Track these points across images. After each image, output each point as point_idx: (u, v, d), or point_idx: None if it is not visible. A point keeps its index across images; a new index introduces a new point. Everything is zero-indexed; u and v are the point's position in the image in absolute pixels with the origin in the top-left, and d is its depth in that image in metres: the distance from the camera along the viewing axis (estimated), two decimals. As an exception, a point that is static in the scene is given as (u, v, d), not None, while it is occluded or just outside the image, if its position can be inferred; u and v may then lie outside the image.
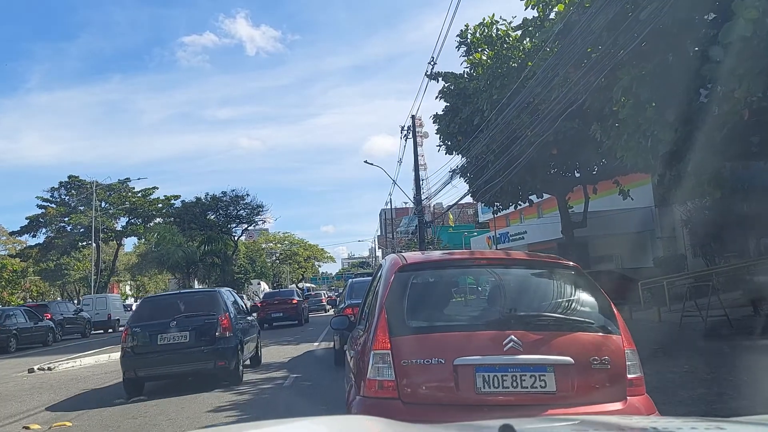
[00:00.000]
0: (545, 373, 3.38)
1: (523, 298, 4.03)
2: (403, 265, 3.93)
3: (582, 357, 3.42)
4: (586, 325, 3.65)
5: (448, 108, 19.84)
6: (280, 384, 9.56)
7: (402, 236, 70.03)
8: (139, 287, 63.82)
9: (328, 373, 10.04)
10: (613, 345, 3.55)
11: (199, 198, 24.16)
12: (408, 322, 3.61)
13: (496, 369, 3.37)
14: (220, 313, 9.92)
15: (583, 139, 16.16)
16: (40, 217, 49.10)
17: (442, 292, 4.19)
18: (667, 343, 10.50)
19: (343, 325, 5.86)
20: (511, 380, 3.36)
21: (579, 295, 3.87)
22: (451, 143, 20.49)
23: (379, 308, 3.67)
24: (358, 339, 4.34)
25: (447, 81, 20.12)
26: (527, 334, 3.46)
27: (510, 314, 3.69)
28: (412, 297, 3.77)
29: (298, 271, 79.48)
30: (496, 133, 16.93)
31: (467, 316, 4.42)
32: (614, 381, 3.45)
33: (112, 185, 47.78)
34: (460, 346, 3.45)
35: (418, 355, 3.44)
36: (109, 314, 27.30)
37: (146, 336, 9.61)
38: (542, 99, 15.40)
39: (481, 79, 17.33)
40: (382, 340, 3.50)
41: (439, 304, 3.99)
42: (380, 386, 3.45)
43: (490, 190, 19.50)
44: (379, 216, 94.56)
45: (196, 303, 10.44)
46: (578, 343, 3.51)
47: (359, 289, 11.48)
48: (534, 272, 4.19)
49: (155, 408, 8.08)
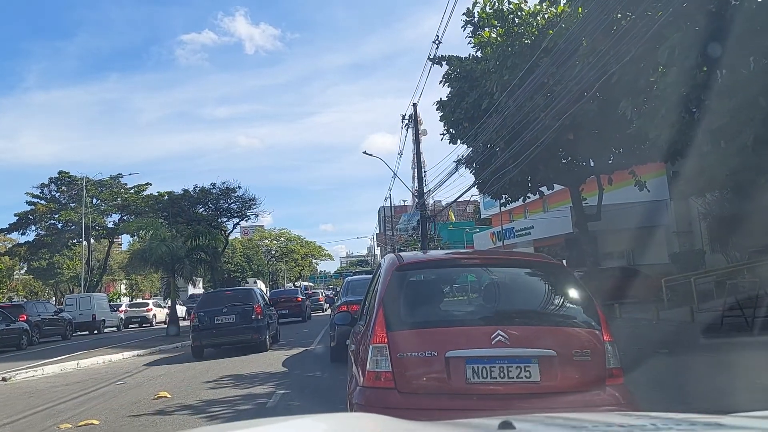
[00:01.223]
0: (530, 364, 3.60)
1: (511, 295, 4.34)
2: (400, 265, 4.18)
3: (564, 349, 3.65)
4: (569, 319, 3.92)
5: (454, 93, 18.46)
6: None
7: (401, 233, 68.80)
8: (132, 286, 62.42)
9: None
10: (594, 338, 3.74)
11: (187, 190, 22.76)
12: (404, 318, 3.87)
13: (484, 361, 3.61)
14: (255, 303, 14.39)
15: (603, 123, 14.82)
16: (29, 214, 47.67)
17: (436, 290, 4.51)
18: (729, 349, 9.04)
19: (345, 320, 5.99)
20: (499, 371, 3.59)
21: (563, 291, 4.12)
22: (456, 131, 19.12)
23: (378, 305, 3.90)
24: (359, 334, 4.57)
25: (451, 65, 18.76)
26: (514, 328, 3.71)
27: (498, 310, 4.03)
28: (408, 294, 4.09)
29: (295, 269, 77.87)
30: (506, 117, 15.58)
31: (459, 312, 4.78)
32: (594, 372, 3.65)
33: (103, 181, 46.40)
34: (452, 340, 3.70)
35: (413, 349, 3.66)
36: (93, 315, 25.70)
37: (207, 318, 13.95)
38: (559, 79, 14.05)
39: (490, 59, 15.96)
40: (380, 334, 3.72)
41: (433, 301, 4.29)
42: (378, 377, 3.66)
43: (498, 181, 18.14)
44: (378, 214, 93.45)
45: (239, 296, 15.22)
46: (561, 336, 3.75)
47: (356, 286, 11.43)
48: (522, 271, 4.45)
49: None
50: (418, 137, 23.85)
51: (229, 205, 23.09)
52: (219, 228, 23.06)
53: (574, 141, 15.25)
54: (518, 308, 4.11)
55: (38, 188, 47.60)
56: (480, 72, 17.05)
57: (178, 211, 22.24)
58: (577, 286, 4.10)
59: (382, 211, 78.03)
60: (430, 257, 5.30)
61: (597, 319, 3.83)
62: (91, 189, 45.58)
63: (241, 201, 23.22)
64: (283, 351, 13.38)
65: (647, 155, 15.96)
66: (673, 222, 24.33)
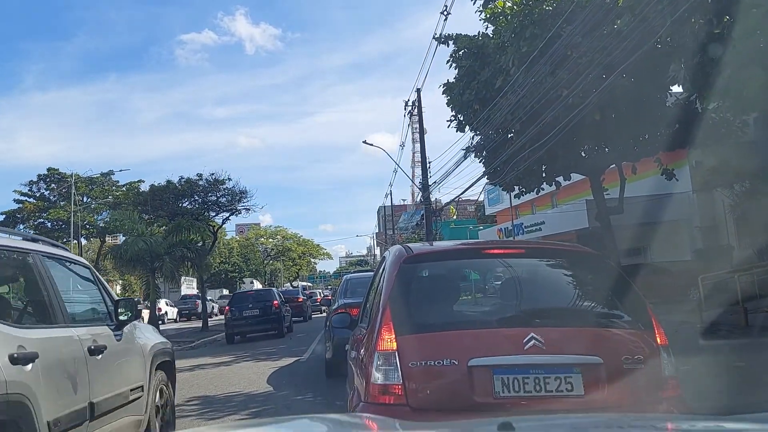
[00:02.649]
0: (571, 374, 3.00)
1: (543, 291, 3.74)
2: (408, 257, 3.59)
3: (612, 356, 3.05)
4: (615, 320, 3.34)
5: (462, 73, 16.72)
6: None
7: (401, 232, 67.24)
8: (125, 287, 60.84)
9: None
10: (646, 342, 3.17)
11: (170, 181, 20.97)
12: (416, 319, 3.28)
13: (516, 371, 3.03)
14: (274, 300, 18.97)
15: (636, 98, 13.12)
16: (16, 212, 46.14)
17: (452, 286, 3.85)
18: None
19: (344, 323, 5.15)
20: (534, 383, 2.99)
21: (605, 286, 3.52)
22: (464, 116, 17.40)
23: (383, 304, 3.31)
24: (361, 339, 3.87)
25: (459, 43, 17.04)
26: (550, 330, 3.12)
27: (530, 309, 3.47)
28: (419, 291, 3.57)
29: (293, 269, 75.93)
30: (523, 96, 13.88)
31: (481, 311, 4.14)
32: (648, 382, 3.06)
33: (94, 178, 44.98)
34: (475, 345, 3.12)
35: (427, 356, 3.07)
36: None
37: (237, 311, 18.30)
38: (586, 50, 12.36)
39: (505, 31, 14.24)
40: (387, 339, 3.14)
41: (449, 299, 3.66)
42: (385, 391, 3.07)
43: (512, 170, 16.44)
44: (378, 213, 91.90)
45: (261, 295, 20.20)
46: (607, 340, 3.17)
47: (355, 286, 10.35)
48: (554, 262, 3.83)
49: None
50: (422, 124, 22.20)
51: (218, 199, 21.41)
52: (206, 222, 21.34)
53: (600, 122, 13.54)
54: (553, 306, 3.51)
55: (26, 186, 46.16)
56: (493, 47, 15.34)
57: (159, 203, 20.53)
58: (622, 280, 3.50)
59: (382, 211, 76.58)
60: (443, 247, 4.55)
61: (648, 320, 3.26)
62: (81, 186, 44.14)
63: (231, 194, 21.54)
64: (270, 362, 11.62)
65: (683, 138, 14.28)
66: (696, 216, 22.66)
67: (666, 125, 14.08)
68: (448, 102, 17.66)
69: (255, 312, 18.24)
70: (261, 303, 18.59)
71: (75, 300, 4.56)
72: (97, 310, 4.72)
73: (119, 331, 4.55)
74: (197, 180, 20.99)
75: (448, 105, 17.74)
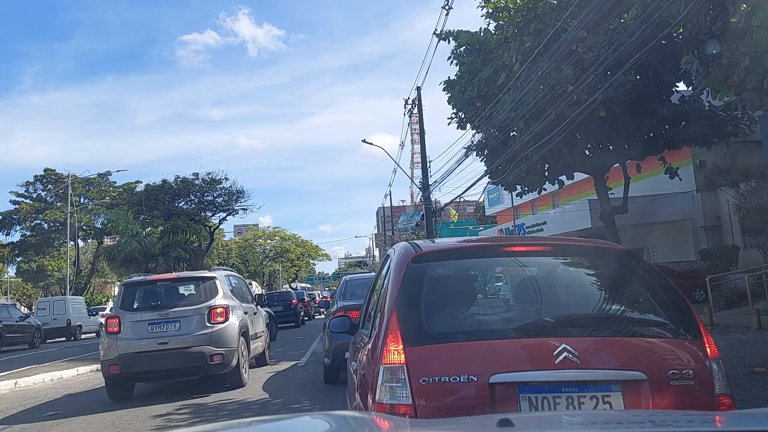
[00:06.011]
0: (610, 393, 2.58)
1: (573, 295, 3.23)
2: (417, 255, 3.09)
3: (656, 370, 2.62)
4: (658, 327, 2.89)
5: (464, 70, 16.38)
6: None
7: (401, 233, 66.87)
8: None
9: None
10: (694, 353, 2.70)
11: (166, 181, 20.61)
12: (427, 328, 2.82)
13: (545, 389, 2.58)
14: (293, 299, 25.14)
15: (641, 96, 12.79)
16: (13, 213, 45.73)
17: (468, 288, 3.45)
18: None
19: (343, 327, 4.52)
20: (567, 403, 2.56)
21: (643, 289, 3.03)
22: (466, 113, 17.05)
23: (389, 310, 2.83)
24: (363, 347, 3.38)
25: (460, 40, 16.71)
26: (583, 341, 2.67)
27: (559, 315, 2.91)
28: (431, 295, 3.02)
29: (291, 270, 75.46)
30: (527, 93, 13.54)
31: (503, 318, 3.40)
32: (698, 401, 2.60)
33: (91, 179, 44.53)
34: (497, 358, 2.67)
35: (442, 371, 2.63)
36: (68, 320, 23.39)
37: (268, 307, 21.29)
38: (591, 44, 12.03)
39: (508, 25, 13.90)
40: (393, 350, 2.68)
41: (464, 303, 3.23)
42: (392, 412, 2.61)
43: (514, 169, 16.09)
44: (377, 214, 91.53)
45: (282, 294, 26.64)
46: (650, 352, 2.70)
47: (355, 288, 9.93)
48: (583, 261, 3.33)
49: None
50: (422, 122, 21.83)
51: (214, 199, 21.01)
52: (202, 223, 20.92)
53: (605, 119, 13.20)
54: (586, 312, 3.01)
55: (23, 186, 45.77)
56: (495, 43, 15.00)
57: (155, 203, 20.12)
58: (662, 281, 3.02)
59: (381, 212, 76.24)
60: (455, 244, 3.86)
61: (695, 327, 2.80)
62: (78, 187, 43.72)
63: (228, 194, 21.12)
64: (266, 366, 11.23)
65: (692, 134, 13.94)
66: (700, 216, 22.31)
67: (671, 122, 13.74)
68: (449, 99, 17.33)
69: (278, 308, 21.81)
70: (282, 301, 23.97)
71: (245, 293, 10.79)
72: (250, 297, 11.20)
73: (257, 306, 11.29)
74: (193, 179, 20.59)
75: (449, 102, 17.40)
